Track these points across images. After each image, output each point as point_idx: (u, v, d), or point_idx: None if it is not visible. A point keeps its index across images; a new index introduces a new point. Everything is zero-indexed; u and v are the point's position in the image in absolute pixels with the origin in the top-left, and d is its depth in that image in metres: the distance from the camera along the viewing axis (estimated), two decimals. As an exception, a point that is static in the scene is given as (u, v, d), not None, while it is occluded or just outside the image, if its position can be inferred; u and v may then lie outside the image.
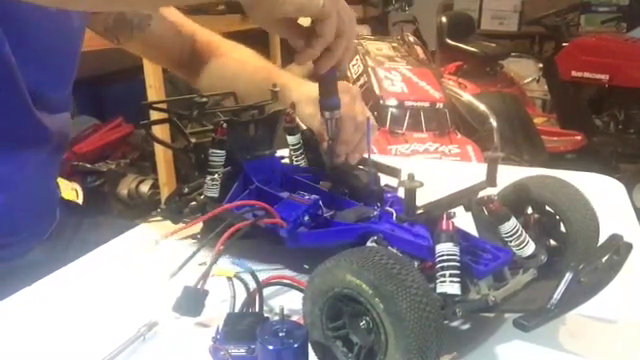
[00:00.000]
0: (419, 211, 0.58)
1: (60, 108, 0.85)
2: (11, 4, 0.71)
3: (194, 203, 0.75)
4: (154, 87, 2.03)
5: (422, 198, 0.58)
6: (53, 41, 0.78)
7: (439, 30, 3.71)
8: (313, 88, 0.75)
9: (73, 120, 2.56)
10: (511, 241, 0.57)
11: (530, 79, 3.94)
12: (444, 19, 3.71)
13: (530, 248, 0.58)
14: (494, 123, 2.48)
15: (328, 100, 0.72)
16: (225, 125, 0.73)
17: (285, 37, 0.68)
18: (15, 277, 0.73)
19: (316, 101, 0.74)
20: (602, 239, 0.59)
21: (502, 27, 5.13)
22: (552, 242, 0.64)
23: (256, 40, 1.05)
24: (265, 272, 0.61)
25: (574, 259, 0.58)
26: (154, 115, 0.82)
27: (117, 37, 0.96)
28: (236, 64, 1.01)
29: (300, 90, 0.87)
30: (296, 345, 0.47)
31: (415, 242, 0.57)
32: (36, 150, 0.80)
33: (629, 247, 0.56)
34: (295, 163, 0.80)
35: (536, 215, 0.63)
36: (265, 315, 0.56)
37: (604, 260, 0.55)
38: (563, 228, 0.63)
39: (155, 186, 2.38)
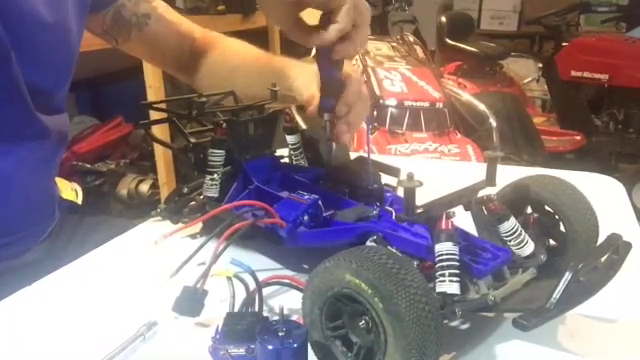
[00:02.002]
0: (419, 210, 0.58)
1: (57, 108, 0.85)
2: (10, 2, 0.71)
3: (193, 203, 0.75)
4: (154, 87, 2.03)
5: (422, 198, 0.58)
6: (53, 39, 0.78)
7: (439, 30, 3.72)
8: (315, 67, 0.74)
9: (73, 120, 2.57)
10: (510, 240, 0.57)
11: (530, 79, 3.95)
12: (444, 19, 3.72)
13: (529, 247, 0.58)
14: (494, 123, 2.48)
15: (328, 101, 0.72)
16: (224, 125, 0.73)
17: (291, 33, 0.67)
18: (14, 277, 0.73)
19: (315, 76, 0.73)
20: (601, 239, 0.59)
21: (502, 27, 5.14)
22: (551, 242, 0.64)
23: (256, 40, 1.05)
24: (265, 272, 0.61)
25: (573, 258, 0.58)
26: (154, 115, 0.82)
27: (115, 38, 0.96)
28: (236, 56, 1.01)
29: (301, 67, 0.86)
30: (295, 345, 0.47)
31: (414, 241, 0.57)
32: (35, 149, 0.80)
33: (628, 246, 0.56)
34: (295, 162, 0.80)
35: (535, 215, 0.63)
36: (265, 315, 0.56)
37: (603, 259, 0.55)
38: (562, 228, 0.63)
39: (155, 186, 2.38)
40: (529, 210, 0.65)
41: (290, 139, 0.79)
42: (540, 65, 3.69)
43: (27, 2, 0.73)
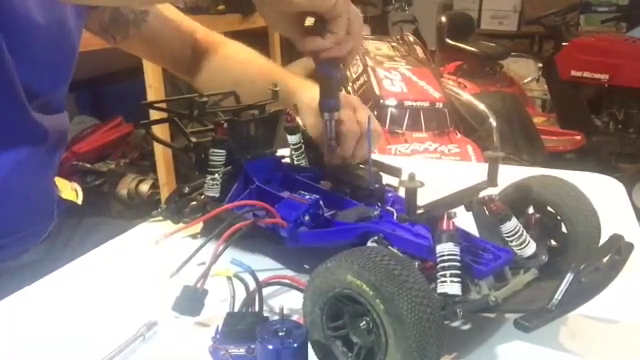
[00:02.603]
0: (420, 211, 0.58)
1: (56, 108, 0.84)
2: (6, 3, 0.70)
3: (194, 203, 0.74)
4: (154, 87, 2.03)
5: (422, 198, 0.58)
6: (49, 40, 0.78)
7: (439, 30, 3.72)
8: (317, 94, 0.74)
9: (73, 120, 2.57)
10: (512, 241, 0.57)
11: (530, 79, 3.95)
12: (444, 19, 3.72)
13: (531, 248, 0.58)
14: (494, 123, 2.48)
15: (328, 101, 0.72)
16: (225, 124, 0.73)
17: (288, 35, 0.68)
18: (13, 278, 0.73)
19: (318, 109, 0.74)
20: (603, 239, 0.59)
21: (502, 27, 5.14)
22: (553, 242, 0.64)
23: (256, 40, 1.05)
24: (265, 272, 0.60)
25: (575, 259, 0.58)
26: (154, 115, 0.82)
27: (114, 36, 0.96)
28: (239, 66, 1.00)
29: (304, 96, 0.86)
30: (296, 345, 0.47)
31: (416, 242, 0.56)
32: (32, 149, 0.80)
33: (630, 247, 0.56)
34: (296, 162, 0.80)
35: (537, 215, 0.63)
36: (265, 315, 0.56)
37: (605, 260, 0.54)
38: (564, 228, 0.62)
39: (155, 186, 2.38)
40: (531, 210, 0.65)
41: (291, 139, 0.79)
42: (540, 65, 3.69)
43: (22, 4, 0.72)
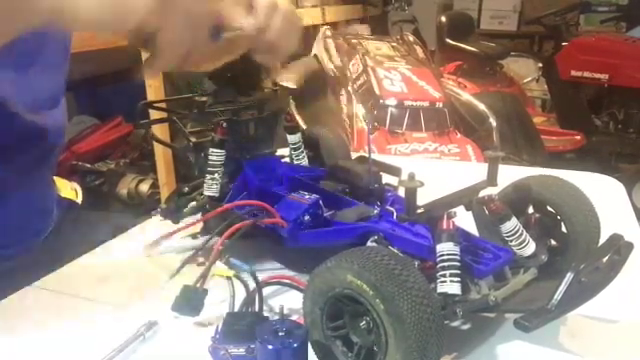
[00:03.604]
0: (420, 210, 0.58)
1: (53, 104, 0.84)
2: None
3: (194, 203, 0.74)
4: (153, 87, 2.03)
5: (422, 198, 0.58)
6: (41, 32, 0.77)
7: (439, 30, 3.72)
8: None
9: (73, 120, 2.57)
10: (512, 240, 0.57)
11: (529, 79, 3.95)
12: (444, 19, 3.72)
13: (531, 248, 0.58)
14: (494, 123, 2.48)
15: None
16: (225, 124, 0.73)
17: None
18: (13, 278, 0.73)
19: None
20: (602, 239, 0.59)
21: (501, 27, 5.15)
22: (553, 242, 0.64)
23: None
24: (265, 272, 0.60)
25: (575, 259, 0.58)
26: (154, 114, 0.82)
27: None
28: None
29: None
30: (296, 344, 0.47)
31: (416, 242, 0.56)
32: (30, 149, 0.80)
33: (630, 247, 0.56)
34: (295, 162, 0.80)
35: (537, 215, 0.63)
36: (265, 315, 0.56)
37: (605, 260, 0.54)
38: (564, 228, 0.62)
39: (155, 186, 2.38)
40: (530, 210, 0.65)
41: (291, 139, 0.79)
42: (540, 65, 3.69)
43: None
